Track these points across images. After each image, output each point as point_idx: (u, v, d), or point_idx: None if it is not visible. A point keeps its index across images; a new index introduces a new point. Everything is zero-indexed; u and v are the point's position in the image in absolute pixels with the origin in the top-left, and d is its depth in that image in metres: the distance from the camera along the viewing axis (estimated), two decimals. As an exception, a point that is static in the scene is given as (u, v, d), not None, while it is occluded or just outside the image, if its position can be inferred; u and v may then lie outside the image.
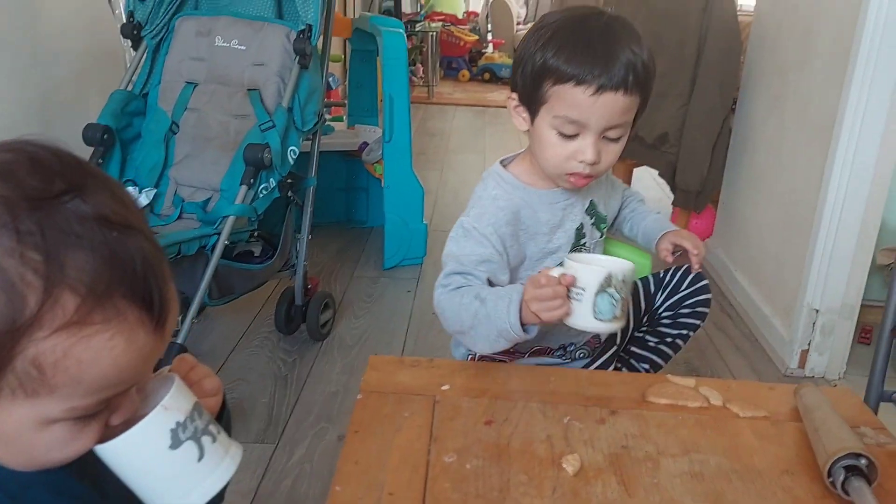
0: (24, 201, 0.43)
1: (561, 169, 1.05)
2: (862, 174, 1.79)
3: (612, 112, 0.99)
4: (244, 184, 1.62)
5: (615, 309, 0.91)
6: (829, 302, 1.90)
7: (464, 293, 1.00)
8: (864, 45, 1.70)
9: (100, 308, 0.44)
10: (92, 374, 0.45)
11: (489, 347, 1.01)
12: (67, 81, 1.95)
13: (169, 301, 0.49)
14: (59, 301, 0.43)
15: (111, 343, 0.45)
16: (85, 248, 0.44)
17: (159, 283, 0.48)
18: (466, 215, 1.09)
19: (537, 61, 1.00)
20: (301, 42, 1.71)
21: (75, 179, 0.46)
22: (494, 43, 7.10)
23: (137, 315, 0.46)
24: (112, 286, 0.45)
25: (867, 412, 0.98)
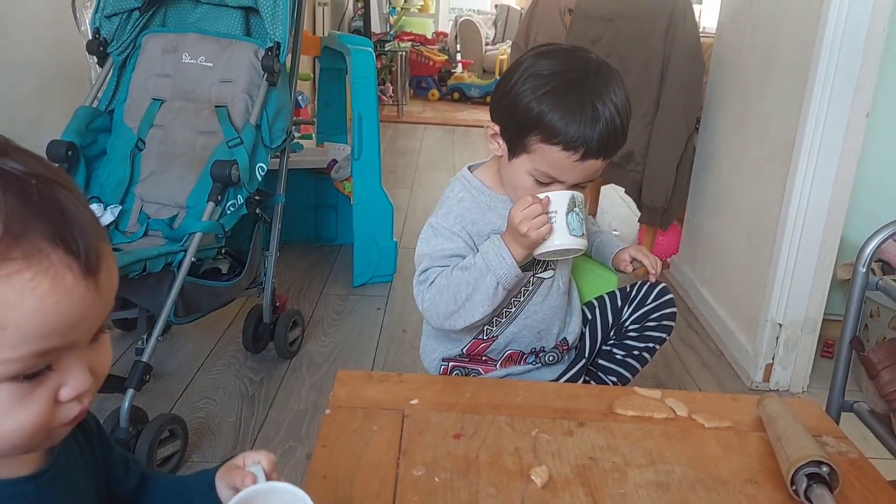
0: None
1: None
2: (822, 191, 1.83)
3: (588, 173, 1.06)
4: (211, 200, 1.60)
5: (581, 226, 1.05)
6: (792, 316, 1.93)
7: (445, 275, 1.08)
8: (822, 66, 1.75)
9: (17, 245, 0.44)
10: (17, 318, 0.44)
11: (490, 304, 1.07)
12: (31, 97, 1.92)
13: (100, 252, 0.48)
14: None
15: (34, 283, 0.44)
16: (2, 192, 0.44)
17: (86, 231, 0.47)
18: (434, 216, 1.14)
19: (531, 110, 1.02)
20: (269, 59, 1.71)
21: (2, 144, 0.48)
22: (463, 63, 7.17)
23: (62, 257, 0.45)
24: (31, 225, 0.44)
25: (828, 422, 1.00)
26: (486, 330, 1.17)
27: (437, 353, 1.22)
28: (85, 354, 0.50)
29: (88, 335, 0.49)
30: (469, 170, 1.19)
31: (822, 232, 1.86)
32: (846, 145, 1.80)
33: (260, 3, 1.75)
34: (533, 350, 1.20)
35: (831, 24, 1.72)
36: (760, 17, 2.16)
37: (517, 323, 1.17)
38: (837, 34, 1.72)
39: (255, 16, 1.87)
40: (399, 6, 7.32)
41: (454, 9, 8.47)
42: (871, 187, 2.03)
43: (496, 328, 1.17)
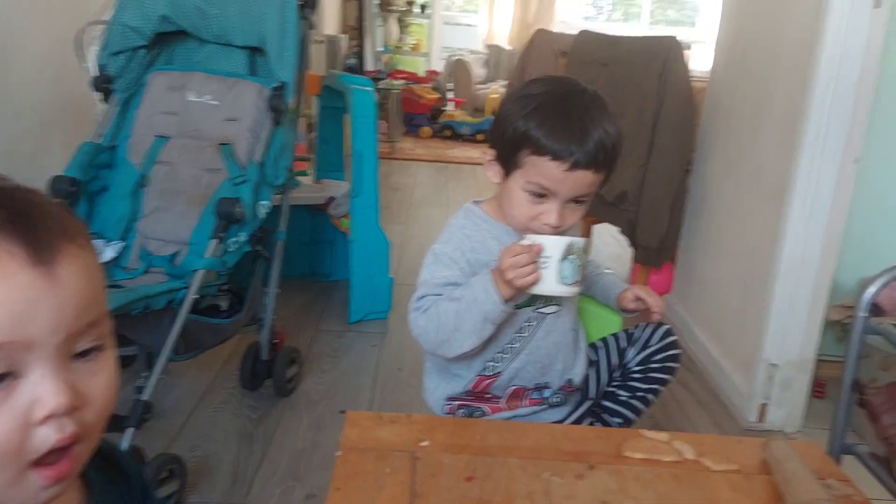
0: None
1: (526, 226, 1.12)
2: (814, 235, 1.87)
3: (580, 185, 1.08)
4: (215, 237, 1.61)
5: (576, 274, 1.04)
6: (786, 356, 1.95)
7: (437, 303, 1.11)
8: (815, 112, 1.80)
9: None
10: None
11: (477, 337, 1.10)
12: (31, 133, 1.93)
13: (58, 245, 0.46)
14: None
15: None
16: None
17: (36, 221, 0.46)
18: (437, 242, 1.17)
19: (519, 128, 1.07)
20: (275, 99, 1.74)
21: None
22: (455, 101, 7.26)
23: (4, 245, 0.44)
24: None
25: (831, 464, 1.01)
26: (489, 366, 1.18)
27: (440, 391, 1.22)
28: (62, 367, 0.46)
29: (56, 340, 0.45)
30: (474, 203, 1.23)
31: (816, 274, 1.89)
32: (838, 191, 1.84)
33: (266, 43, 1.78)
34: (537, 386, 1.21)
35: (823, 72, 1.77)
36: (753, 65, 2.22)
37: (521, 359, 1.18)
38: (830, 82, 1.77)
39: (260, 55, 1.90)
40: (392, 45, 7.43)
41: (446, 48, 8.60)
42: (861, 230, 2.07)
43: (500, 364, 1.18)
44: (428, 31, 8.23)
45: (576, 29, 3.43)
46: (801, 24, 1.92)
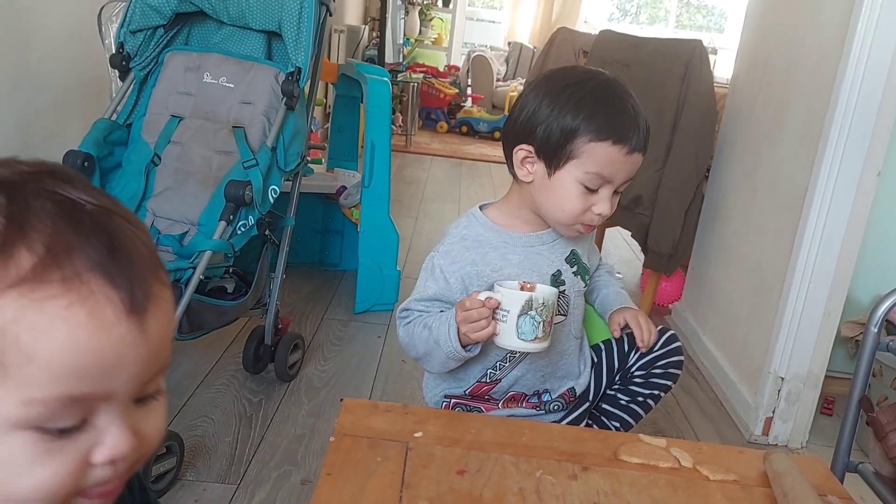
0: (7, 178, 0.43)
1: (576, 220, 1.10)
2: (830, 247, 1.84)
3: (633, 169, 1.09)
4: (223, 219, 1.61)
5: (537, 330, 1.00)
6: (795, 370, 1.93)
7: (415, 323, 1.12)
8: (836, 123, 1.77)
9: (57, 267, 0.40)
10: (46, 349, 0.40)
11: (444, 368, 1.13)
12: (50, 108, 1.94)
13: (151, 292, 0.44)
14: (13, 257, 0.40)
15: (69, 312, 0.40)
16: (52, 216, 0.42)
17: (136, 266, 0.43)
18: (436, 250, 1.16)
19: (574, 116, 1.05)
20: (289, 84, 1.73)
21: (63, 171, 0.45)
22: (473, 97, 7.24)
23: (104, 288, 0.41)
24: (74, 250, 0.41)
25: (834, 481, 0.99)
26: (489, 373, 1.17)
27: (439, 389, 1.21)
28: (128, 414, 0.44)
29: (130, 388, 0.44)
30: (480, 208, 1.19)
31: (829, 288, 1.86)
32: (856, 203, 1.81)
33: (283, 28, 1.78)
34: (536, 392, 1.20)
35: (847, 83, 1.74)
36: (775, 74, 2.19)
37: (521, 367, 1.17)
38: (853, 94, 1.74)
39: (277, 40, 1.90)
40: (413, 38, 7.42)
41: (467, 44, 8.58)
42: (878, 246, 2.04)
43: (500, 372, 1.16)
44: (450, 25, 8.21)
45: (599, 30, 3.40)
46: (825, 34, 1.89)
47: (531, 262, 1.14)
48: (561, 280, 1.16)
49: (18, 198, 0.42)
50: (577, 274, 1.19)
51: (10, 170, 0.44)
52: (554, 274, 1.15)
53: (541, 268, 1.15)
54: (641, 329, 1.20)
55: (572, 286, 1.18)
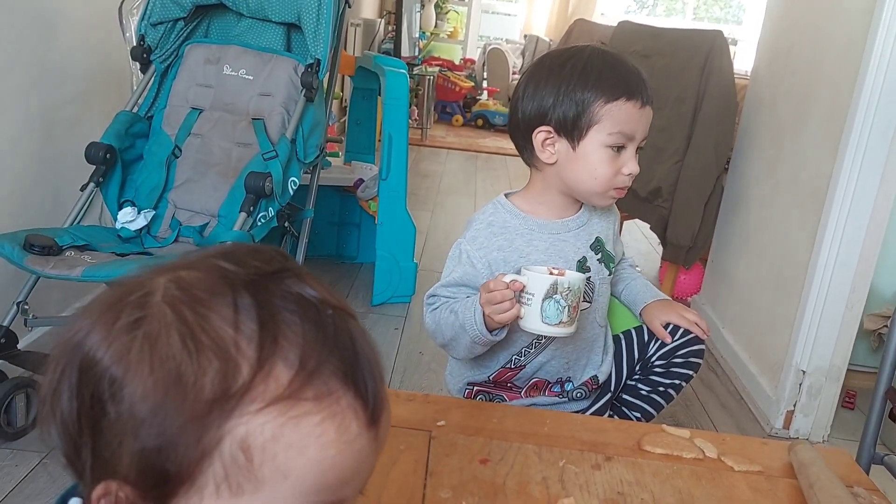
0: (245, 277, 0.42)
1: (609, 185, 1.12)
2: (853, 239, 1.82)
3: (648, 123, 1.11)
4: (243, 211, 1.62)
5: (561, 314, 1.00)
6: (816, 363, 1.91)
7: (442, 309, 1.12)
8: (860, 113, 1.75)
9: (311, 384, 0.40)
10: (299, 466, 0.40)
11: (470, 353, 1.13)
12: (72, 100, 1.95)
13: (384, 398, 0.44)
14: (271, 373, 0.40)
15: (321, 429, 0.40)
16: (299, 322, 0.41)
17: (374, 374, 0.43)
18: (463, 237, 1.16)
19: (582, 88, 1.08)
20: (309, 76, 1.73)
21: (292, 265, 0.45)
22: (489, 90, 7.21)
23: (350, 400, 0.42)
24: (324, 362, 0.41)
25: (860, 472, 0.98)
26: (514, 359, 1.17)
27: (463, 376, 1.21)
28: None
29: (355, 493, 0.44)
30: (505, 196, 1.21)
31: (852, 280, 1.84)
32: (880, 194, 1.78)
33: (303, 20, 1.78)
34: (559, 380, 1.20)
35: (871, 73, 1.72)
36: (798, 64, 2.16)
37: (546, 353, 1.17)
38: (877, 83, 1.72)
39: (296, 32, 1.90)
40: (429, 31, 7.40)
41: (483, 37, 8.54)
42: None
43: (524, 358, 1.17)
44: (465, 18, 8.19)
45: (616, 22, 3.38)
46: (849, 23, 1.86)
47: (557, 248, 1.15)
48: (586, 267, 1.16)
49: (266, 302, 0.41)
50: (602, 262, 1.19)
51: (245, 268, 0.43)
52: (579, 260, 1.16)
53: (566, 254, 1.15)
54: (693, 325, 1.21)
55: (597, 273, 1.18)
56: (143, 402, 0.39)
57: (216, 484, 0.40)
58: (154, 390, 0.39)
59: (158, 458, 0.39)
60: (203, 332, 0.40)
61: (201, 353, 0.40)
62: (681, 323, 1.20)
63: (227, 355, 0.40)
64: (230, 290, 0.41)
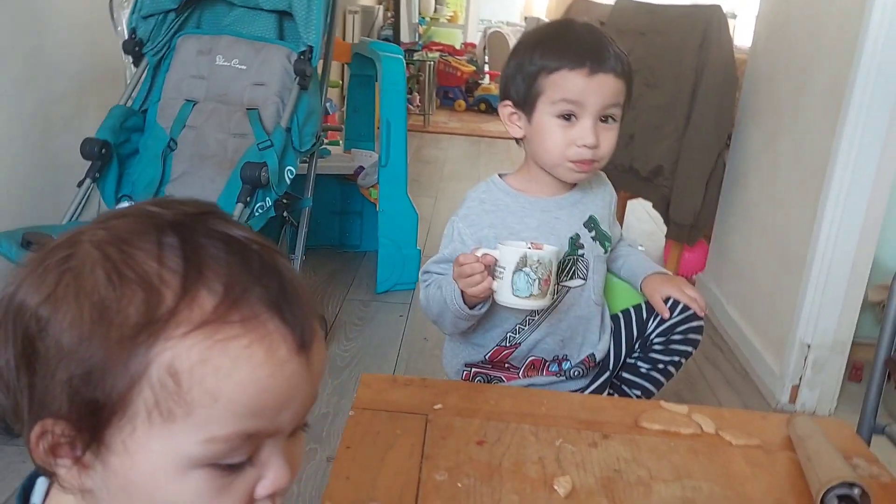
0: (171, 218, 0.44)
1: (563, 157, 1.11)
2: (854, 212, 1.80)
3: (606, 92, 1.07)
4: (240, 202, 1.62)
5: (532, 287, 1.00)
6: (820, 337, 1.90)
7: (431, 285, 1.14)
8: (859, 87, 1.73)
9: (237, 309, 0.41)
10: (230, 388, 0.41)
11: (457, 329, 1.14)
12: (67, 96, 1.95)
13: (313, 328, 0.45)
14: (196, 299, 0.41)
15: (249, 351, 0.41)
16: (225, 256, 0.43)
17: (302, 304, 0.45)
18: (456, 214, 1.18)
19: (529, 61, 1.10)
20: (301, 63, 1.73)
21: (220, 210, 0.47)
22: (491, 74, 7.17)
23: (277, 324, 0.43)
24: (249, 290, 0.42)
25: (860, 443, 0.98)
26: (508, 337, 1.17)
27: (459, 357, 1.21)
28: (285, 448, 0.46)
29: (293, 423, 0.45)
30: (499, 176, 1.22)
31: (854, 253, 1.83)
32: (881, 166, 1.76)
33: (294, 7, 1.77)
34: (556, 358, 1.20)
35: (870, 45, 1.69)
36: (796, 38, 2.14)
37: (541, 330, 1.16)
38: (875, 55, 1.70)
39: (288, 20, 1.89)
40: (428, 16, 7.36)
41: (483, 20, 8.49)
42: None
43: (519, 335, 1.17)
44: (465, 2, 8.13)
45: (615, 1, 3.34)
46: (848, -8, 1.84)
47: (549, 226, 1.15)
48: (579, 244, 1.16)
49: (190, 239, 0.43)
50: (596, 239, 1.19)
51: (173, 211, 0.45)
52: (572, 237, 1.16)
53: (558, 231, 1.15)
54: (692, 301, 1.19)
55: (591, 251, 1.17)
56: (70, 332, 0.40)
57: (147, 411, 0.40)
58: (80, 321, 0.40)
59: (88, 387, 0.40)
60: (127, 267, 0.41)
61: (125, 285, 0.41)
62: (680, 297, 1.19)
63: (151, 286, 0.41)
64: (155, 230, 0.43)
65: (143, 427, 0.41)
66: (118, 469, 0.42)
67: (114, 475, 0.42)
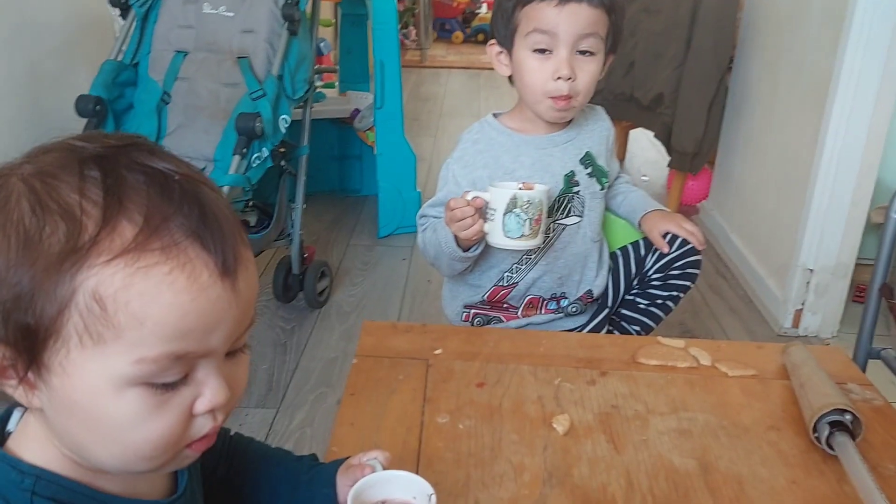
0: (93, 151, 0.46)
1: (542, 93, 1.11)
2: (857, 133, 1.78)
3: (578, 21, 1.07)
4: (237, 154, 1.61)
5: (523, 228, 1.02)
6: (823, 261, 1.91)
7: (427, 228, 1.16)
8: (860, 6, 1.68)
9: (156, 236, 0.43)
10: (154, 312, 0.43)
11: (453, 271, 1.17)
12: (55, 52, 1.93)
13: (239, 255, 0.47)
14: (116, 229, 0.43)
15: (171, 277, 0.43)
16: (145, 187, 0.45)
17: (224, 231, 0.46)
18: (450, 156, 1.19)
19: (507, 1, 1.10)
20: (289, 7, 1.69)
21: (145, 141, 0.48)
22: (488, 3, 6.99)
23: (198, 251, 0.45)
24: (168, 219, 0.44)
25: (854, 369, 1.00)
26: (506, 276, 1.19)
27: (458, 299, 1.23)
28: (222, 368, 0.48)
29: (225, 345, 0.48)
30: (494, 116, 1.22)
31: (856, 175, 1.82)
32: (882, 86, 1.73)
33: (279, -51, 1.72)
34: (553, 296, 1.21)
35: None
36: (797, -48, 2.07)
37: (538, 269, 1.18)
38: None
39: (274, -37, 1.84)
40: (422, -53, 7.13)
41: (479, -52, 8.22)
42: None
43: (516, 275, 1.18)
44: (459, -70, 7.86)
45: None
46: None
47: (543, 163, 1.16)
48: (574, 181, 1.16)
49: (112, 171, 0.45)
50: (593, 176, 1.18)
51: (97, 144, 0.46)
52: (567, 174, 1.16)
53: (553, 169, 1.16)
54: (690, 234, 1.20)
55: (587, 187, 1.18)
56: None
57: (78, 335, 0.43)
58: (7, 250, 0.43)
59: (19, 312, 0.43)
60: (50, 199, 0.44)
61: (48, 215, 0.43)
62: (679, 232, 1.20)
63: (73, 217, 0.43)
64: (77, 163, 0.45)
65: (77, 350, 0.44)
66: (59, 389, 0.45)
67: (56, 394, 0.45)
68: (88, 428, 0.46)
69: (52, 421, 0.47)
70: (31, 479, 0.47)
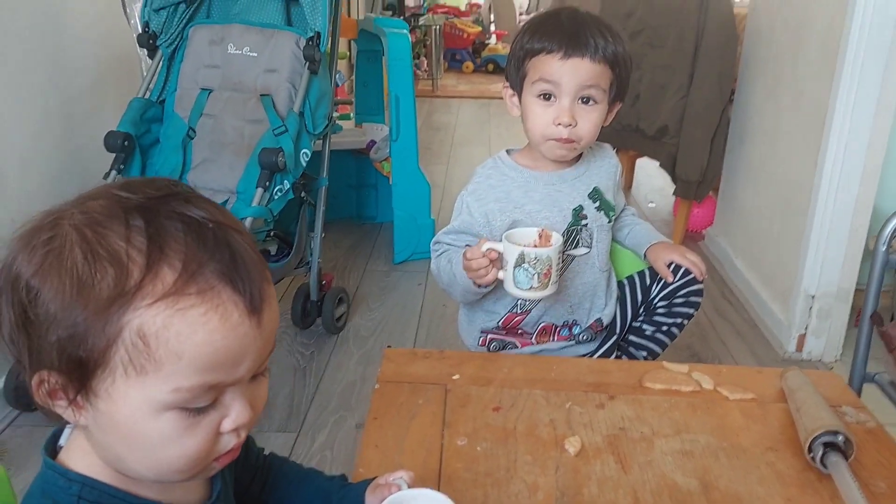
0: (137, 202, 0.52)
1: (544, 135, 1.19)
2: (854, 161, 1.85)
3: (580, 74, 1.15)
4: (260, 186, 1.69)
5: (531, 281, 1.08)
6: (825, 287, 1.96)
7: (441, 257, 1.23)
8: (854, 37, 1.76)
9: (193, 282, 0.49)
10: (190, 348, 0.49)
11: (466, 299, 1.25)
12: (86, 91, 2.02)
13: (264, 293, 0.53)
14: (158, 275, 0.49)
15: (205, 318, 0.49)
16: (183, 235, 0.51)
17: (251, 273, 0.52)
18: (465, 188, 1.27)
19: (520, 46, 1.19)
20: (310, 49, 1.78)
21: (183, 190, 0.55)
22: (497, 34, 7.14)
23: (230, 294, 0.50)
24: (204, 265, 0.50)
25: (849, 393, 1.05)
26: (519, 303, 1.25)
27: (475, 324, 1.30)
28: (246, 390, 0.54)
29: (250, 373, 0.54)
30: (507, 153, 1.29)
31: (854, 203, 1.88)
32: (877, 115, 1.80)
33: (300, -7, 1.81)
34: (566, 323, 1.27)
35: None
36: (794, -11, 2.15)
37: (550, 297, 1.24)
38: (869, 6, 1.72)
39: (295, 5, 1.94)
40: (432, -22, 7.29)
41: (487, -22, 8.38)
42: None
43: (529, 302, 1.25)
44: (468, -39, 8.03)
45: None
46: (845, -55, 1.85)
47: (552, 198, 1.23)
48: (583, 214, 1.23)
49: (153, 220, 0.51)
50: (601, 209, 1.25)
51: (140, 195, 0.53)
52: (575, 209, 1.23)
53: (562, 203, 1.23)
54: (693, 265, 1.26)
55: (595, 220, 1.25)
56: (54, 302, 0.49)
57: (124, 366, 0.50)
58: (62, 293, 0.49)
59: (73, 347, 0.49)
60: (100, 247, 0.50)
61: (98, 262, 0.49)
62: (682, 262, 1.26)
63: (121, 263, 0.49)
64: (123, 212, 0.51)
65: (122, 379, 0.50)
66: (104, 411, 0.51)
67: (101, 415, 0.52)
68: (128, 445, 0.53)
69: (95, 437, 0.54)
70: (78, 486, 0.54)
